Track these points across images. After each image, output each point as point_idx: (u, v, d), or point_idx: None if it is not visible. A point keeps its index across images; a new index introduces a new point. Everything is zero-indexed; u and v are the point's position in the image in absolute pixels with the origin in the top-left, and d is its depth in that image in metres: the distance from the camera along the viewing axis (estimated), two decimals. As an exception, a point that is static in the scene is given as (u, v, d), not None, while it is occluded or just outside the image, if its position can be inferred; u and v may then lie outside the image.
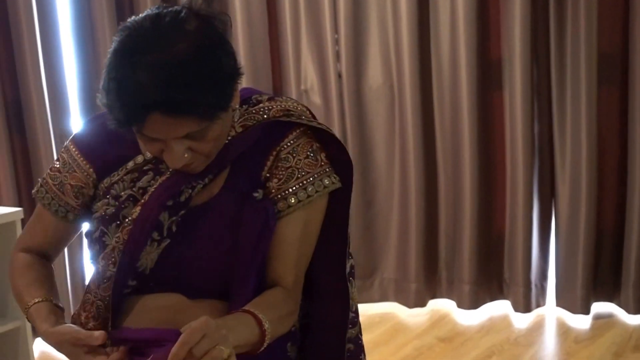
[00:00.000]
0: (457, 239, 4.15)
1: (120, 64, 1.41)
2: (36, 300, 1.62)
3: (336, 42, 4.13)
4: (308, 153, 1.62)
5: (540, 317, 3.98)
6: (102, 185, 1.66)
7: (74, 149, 1.71)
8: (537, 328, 3.87)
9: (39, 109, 3.93)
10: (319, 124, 1.64)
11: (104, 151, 1.68)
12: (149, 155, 1.63)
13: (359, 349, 1.76)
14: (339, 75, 4.18)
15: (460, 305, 4.13)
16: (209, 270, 1.56)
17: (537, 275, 4.02)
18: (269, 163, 1.61)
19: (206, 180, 1.58)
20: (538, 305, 4.02)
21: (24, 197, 3.95)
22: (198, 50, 1.41)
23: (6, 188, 3.88)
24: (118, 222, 1.58)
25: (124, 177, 1.63)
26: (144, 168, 1.63)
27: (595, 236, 3.86)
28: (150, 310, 1.57)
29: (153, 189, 1.57)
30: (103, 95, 1.44)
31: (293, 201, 1.59)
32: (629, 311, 3.83)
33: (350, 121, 4.21)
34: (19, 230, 3.17)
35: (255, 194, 1.59)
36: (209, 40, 1.44)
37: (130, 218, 1.55)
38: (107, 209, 1.61)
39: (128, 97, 1.39)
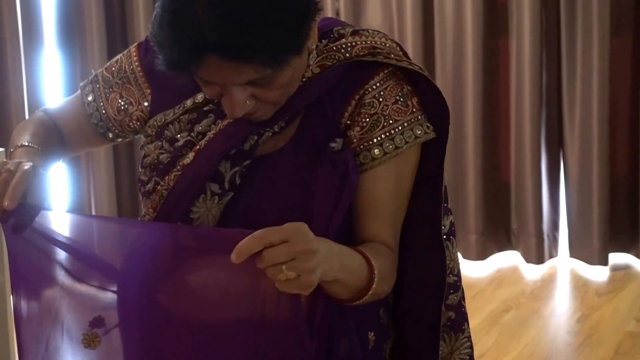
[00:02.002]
0: (460, 188, 4.03)
1: None
2: (21, 144, 1.46)
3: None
4: (397, 97, 1.39)
5: (553, 269, 3.89)
6: (155, 122, 1.47)
7: (136, 59, 1.52)
8: (551, 280, 3.78)
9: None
10: (411, 63, 1.41)
11: (166, 75, 1.43)
12: None
13: (462, 317, 1.53)
14: (337, 14, 4.01)
15: (466, 257, 4.02)
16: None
17: (549, 226, 3.93)
18: (350, 109, 1.39)
19: (275, 128, 1.38)
20: (551, 256, 3.93)
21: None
22: None
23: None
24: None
25: (181, 118, 1.44)
26: (204, 109, 1.43)
27: (609, 186, 3.78)
28: (212, 274, 1.33)
29: (212, 134, 1.38)
30: (154, 29, 1.26)
31: (377, 153, 1.37)
32: None
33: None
34: None
35: (333, 144, 1.37)
36: None
37: (181, 163, 1.38)
38: (160, 153, 1.43)
39: (181, 34, 1.21)
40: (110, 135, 1.56)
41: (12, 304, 1.46)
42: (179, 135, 1.43)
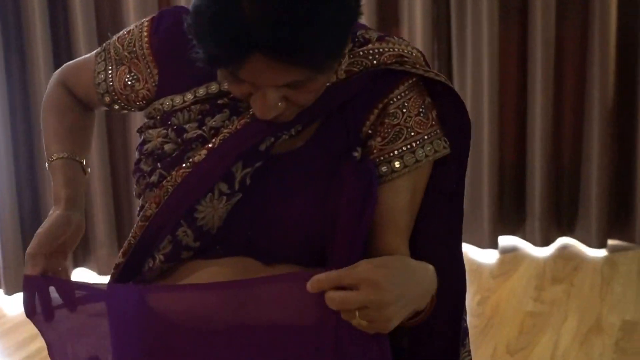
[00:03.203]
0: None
1: None
2: (58, 156, 1.49)
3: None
4: (420, 109, 1.37)
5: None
6: (161, 106, 1.41)
7: (146, 37, 1.46)
8: (444, 264, 3.89)
9: None
10: (437, 74, 1.39)
11: (176, 55, 1.39)
12: (226, 85, 1.36)
13: (465, 331, 1.49)
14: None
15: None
16: (289, 232, 1.34)
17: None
18: (372, 117, 1.36)
19: (292, 131, 1.34)
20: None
21: None
22: None
23: None
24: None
25: (192, 107, 1.38)
26: (219, 102, 1.37)
27: (498, 172, 3.91)
28: (215, 277, 1.33)
29: (227, 133, 1.33)
30: (194, 21, 1.19)
31: (398, 165, 1.35)
32: (535, 244, 3.92)
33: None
34: None
35: (355, 154, 1.35)
36: None
37: (191, 160, 1.33)
38: (165, 142, 1.37)
39: (226, 30, 1.15)
40: (116, 106, 1.52)
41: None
42: (187, 126, 1.37)
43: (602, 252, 3.87)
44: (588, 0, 3.72)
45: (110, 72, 1.49)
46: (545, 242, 3.92)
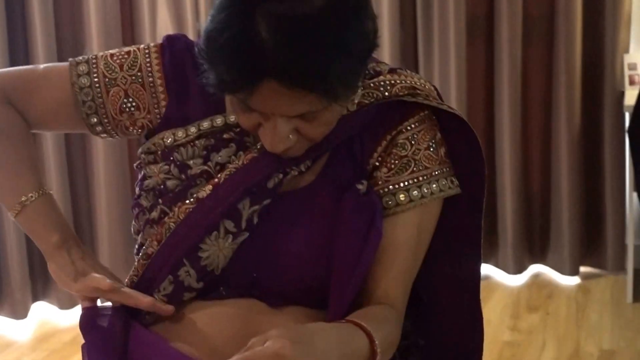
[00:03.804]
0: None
1: (240, 6, 1.10)
2: (31, 197, 1.34)
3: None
4: (430, 143, 1.31)
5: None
6: (162, 141, 1.32)
7: (157, 62, 1.34)
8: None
9: None
10: (450, 108, 1.33)
11: (185, 85, 1.31)
12: (232, 118, 1.29)
13: None
14: (198, 35, 3.84)
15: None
16: (296, 272, 1.27)
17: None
18: (379, 149, 1.30)
19: (302, 167, 1.27)
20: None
21: None
22: (339, 9, 1.11)
23: None
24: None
25: (196, 142, 1.30)
26: (224, 136, 1.30)
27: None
28: (218, 319, 1.27)
29: (234, 168, 1.26)
30: (206, 46, 1.13)
31: (403, 199, 1.28)
32: (508, 271, 3.88)
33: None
34: None
35: (360, 186, 1.28)
36: None
37: (195, 196, 1.26)
38: (167, 179, 1.30)
39: (240, 55, 1.09)
40: (99, 128, 1.37)
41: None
42: (191, 162, 1.30)
43: (574, 280, 3.84)
44: (553, 26, 3.73)
45: (98, 90, 1.35)
46: (518, 270, 3.88)
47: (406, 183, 1.29)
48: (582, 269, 3.87)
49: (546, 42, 3.75)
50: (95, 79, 1.35)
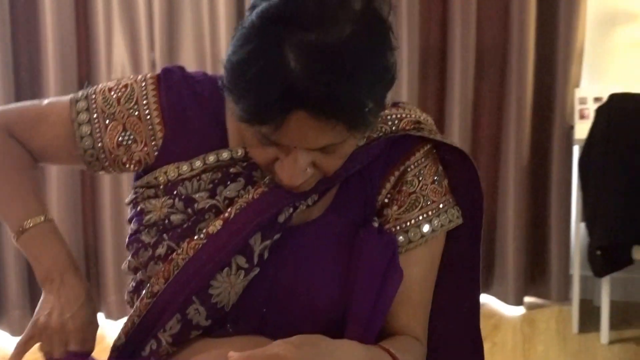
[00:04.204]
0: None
1: (267, 37, 1.07)
2: (36, 221, 1.34)
3: (150, 28, 3.80)
4: (434, 177, 1.33)
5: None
6: (164, 175, 1.30)
7: (153, 94, 1.32)
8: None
9: None
10: (451, 142, 1.36)
11: (185, 118, 1.29)
12: (239, 152, 1.28)
13: None
14: (153, 64, 3.87)
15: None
16: (307, 308, 1.26)
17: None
18: (388, 185, 1.31)
19: (309, 200, 1.27)
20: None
21: None
22: (365, 38, 1.09)
23: None
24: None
25: (202, 176, 1.28)
26: (231, 170, 1.28)
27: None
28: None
29: (244, 203, 1.24)
30: (233, 76, 1.10)
31: (414, 235, 1.30)
32: (508, 302, 3.89)
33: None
34: None
35: (375, 223, 1.29)
36: (378, 26, 1.12)
37: (205, 231, 1.24)
38: (171, 213, 1.27)
39: (271, 86, 1.07)
40: (95, 166, 1.36)
41: None
42: (197, 196, 1.27)
43: (519, 310, 3.89)
44: (506, 58, 3.78)
45: (97, 125, 1.34)
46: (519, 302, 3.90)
47: (417, 219, 1.31)
48: (527, 299, 3.93)
49: (498, 74, 3.82)
50: (95, 115, 1.34)
